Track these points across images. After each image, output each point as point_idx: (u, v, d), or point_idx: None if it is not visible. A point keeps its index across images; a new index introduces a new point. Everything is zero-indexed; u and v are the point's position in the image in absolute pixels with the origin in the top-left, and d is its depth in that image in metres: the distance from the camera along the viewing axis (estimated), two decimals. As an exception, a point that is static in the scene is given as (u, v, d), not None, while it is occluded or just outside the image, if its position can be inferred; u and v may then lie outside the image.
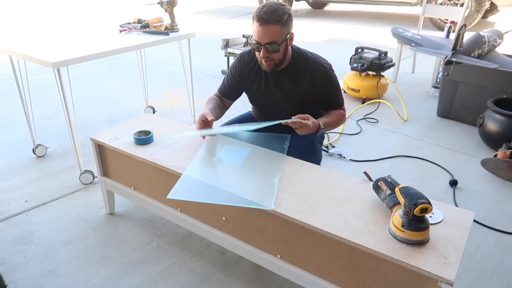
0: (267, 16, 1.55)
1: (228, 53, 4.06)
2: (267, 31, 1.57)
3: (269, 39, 1.58)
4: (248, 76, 1.85)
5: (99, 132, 1.92)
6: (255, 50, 1.67)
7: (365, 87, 3.46)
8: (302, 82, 1.74)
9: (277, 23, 1.56)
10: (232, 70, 1.89)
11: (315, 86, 1.73)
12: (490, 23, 6.65)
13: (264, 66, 1.71)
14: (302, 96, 1.76)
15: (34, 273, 1.70)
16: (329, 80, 1.75)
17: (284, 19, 1.58)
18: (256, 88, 1.85)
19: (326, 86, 1.75)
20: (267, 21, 1.55)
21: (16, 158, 2.63)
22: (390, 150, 2.71)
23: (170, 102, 3.55)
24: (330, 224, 1.24)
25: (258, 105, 1.95)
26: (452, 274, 1.05)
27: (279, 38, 1.59)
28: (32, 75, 2.73)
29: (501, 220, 2.01)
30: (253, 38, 1.63)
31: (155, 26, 2.66)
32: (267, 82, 1.80)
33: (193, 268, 1.72)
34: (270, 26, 1.56)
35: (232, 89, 1.91)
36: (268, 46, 1.60)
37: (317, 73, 1.72)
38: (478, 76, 2.90)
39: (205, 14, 8.20)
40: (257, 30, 1.59)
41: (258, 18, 1.57)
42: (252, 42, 1.64)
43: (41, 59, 2.05)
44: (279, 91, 1.79)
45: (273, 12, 1.55)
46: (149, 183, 1.74)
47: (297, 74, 1.74)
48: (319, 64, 1.74)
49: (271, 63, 1.67)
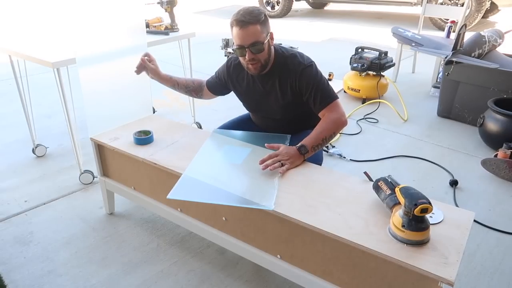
0: (245, 17, 1.56)
1: (228, 53, 4.05)
2: (248, 32, 1.58)
3: (252, 40, 1.58)
4: (236, 82, 1.84)
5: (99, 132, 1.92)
6: (239, 55, 1.66)
7: (365, 87, 3.46)
8: (284, 83, 1.72)
9: (256, 22, 1.58)
10: (220, 73, 1.90)
11: (295, 87, 1.70)
12: (490, 23, 6.65)
13: (251, 71, 1.69)
14: (288, 97, 1.73)
15: (33, 273, 1.70)
16: (307, 78, 1.68)
17: (262, 19, 1.60)
18: (244, 93, 1.85)
19: (305, 84, 1.69)
20: (246, 22, 1.56)
21: (16, 158, 2.63)
22: (390, 150, 2.71)
23: (170, 102, 3.55)
24: (330, 224, 1.24)
25: (250, 108, 1.95)
26: (452, 274, 1.05)
27: (261, 37, 1.60)
28: (32, 75, 2.72)
29: (501, 220, 2.01)
30: (236, 44, 1.62)
31: (155, 26, 2.66)
32: (254, 87, 1.79)
33: (193, 268, 1.72)
34: (250, 26, 1.57)
35: (217, 88, 1.95)
36: (252, 48, 1.59)
37: (294, 73, 1.69)
38: (478, 76, 2.90)
39: (205, 14, 8.20)
40: (238, 34, 1.59)
41: (237, 22, 1.58)
42: (235, 48, 1.63)
43: (41, 59, 2.05)
44: (266, 95, 1.78)
45: (250, 14, 1.57)
46: (149, 183, 1.74)
47: (280, 76, 1.72)
48: (296, 63, 1.70)
49: (258, 66, 1.66)
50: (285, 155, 1.55)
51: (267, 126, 1.90)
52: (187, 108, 3.08)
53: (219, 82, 1.92)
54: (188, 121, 3.08)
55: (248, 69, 1.70)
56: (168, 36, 2.59)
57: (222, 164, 1.60)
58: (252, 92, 1.81)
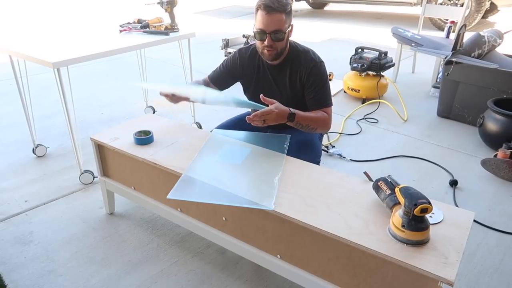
0: (274, 4, 1.57)
1: (228, 53, 4.06)
2: (273, 19, 1.59)
3: (275, 27, 1.60)
4: (246, 72, 1.85)
5: (99, 132, 1.92)
6: (258, 39, 1.67)
7: (365, 87, 3.46)
8: (295, 77, 1.75)
9: (282, 11, 1.59)
10: (229, 62, 1.89)
11: (304, 80, 1.73)
12: (490, 23, 6.65)
13: (265, 56, 1.71)
14: (296, 91, 1.76)
15: (34, 273, 1.70)
16: (315, 74, 1.73)
17: (288, 9, 1.62)
18: (254, 82, 1.86)
19: (311, 80, 1.72)
20: (274, 8, 1.57)
21: (16, 158, 2.63)
22: (390, 150, 2.71)
23: (170, 102, 3.54)
24: (330, 224, 1.24)
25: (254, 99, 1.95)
26: (452, 274, 1.05)
27: (284, 26, 1.62)
28: (32, 75, 2.72)
29: (501, 220, 2.01)
30: (258, 27, 1.63)
31: (155, 26, 2.66)
32: (264, 76, 1.81)
33: (193, 268, 1.72)
34: (276, 14, 1.58)
35: (223, 79, 1.92)
36: (273, 35, 1.61)
37: (305, 67, 1.72)
38: (478, 76, 2.90)
39: (205, 14, 8.19)
40: (263, 18, 1.60)
41: (265, 6, 1.58)
42: (256, 31, 1.65)
43: (41, 59, 2.05)
44: (275, 86, 1.80)
45: (278, 1, 1.58)
46: (149, 183, 1.74)
47: (291, 69, 1.75)
48: (309, 59, 1.74)
49: (273, 53, 1.68)
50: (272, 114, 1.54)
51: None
52: (187, 108, 3.08)
53: (226, 72, 1.90)
54: (188, 121, 3.08)
55: (263, 54, 1.72)
56: (168, 36, 2.59)
57: (222, 164, 1.60)
58: (262, 80, 1.82)
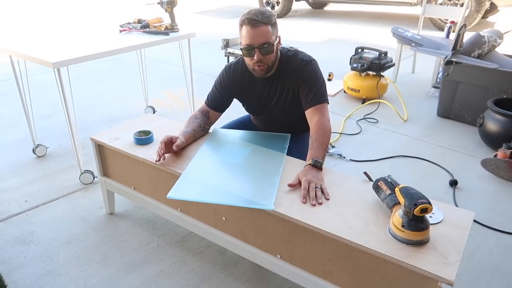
0: (258, 17, 1.54)
1: (228, 53, 4.06)
2: (259, 32, 1.55)
3: (263, 40, 1.56)
4: (239, 87, 1.79)
5: (99, 132, 1.92)
6: (247, 56, 1.62)
7: (365, 87, 3.46)
8: (288, 84, 1.71)
9: (268, 23, 1.56)
10: (221, 82, 1.81)
11: (300, 82, 1.69)
12: (490, 23, 6.65)
13: (257, 73, 1.67)
14: (293, 97, 1.73)
15: (34, 273, 1.70)
16: (306, 73, 1.67)
17: (273, 20, 1.59)
18: (248, 98, 1.83)
19: (303, 78, 1.68)
20: (258, 21, 1.54)
21: (16, 158, 2.63)
22: (390, 150, 2.71)
23: (170, 102, 3.55)
24: (330, 224, 1.24)
25: (252, 111, 1.93)
26: (452, 274, 1.05)
27: (272, 38, 1.58)
28: (32, 75, 2.73)
29: (501, 220, 2.01)
30: (244, 43, 1.58)
31: (155, 26, 2.67)
32: (258, 90, 1.77)
33: (193, 268, 1.72)
34: (262, 26, 1.55)
35: (221, 101, 1.82)
36: (261, 49, 1.57)
37: (296, 71, 1.68)
38: (478, 76, 2.90)
39: (205, 14, 8.20)
40: (249, 33, 1.55)
41: (249, 21, 1.54)
42: (244, 47, 1.59)
43: (41, 59, 2.05)
44: (271, 97, 1.77)
45: (262, 14, 1.56)
46: (149, 183, 1.74)
47: (284, 78, 1.71)
48: (298, 62, 1.69)
49: (264, 67, 1.63)
50: (313, 178, 1.42)
51: (268, 129, 1.89)
52: (187, 108, 3.08)
53: (222, 92, 1.81)
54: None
55: (254, 70, 1.67)
56: (168, 36, 2.59)
57: (222, 164, 1.60)
58: (257, 93, 1.79)
